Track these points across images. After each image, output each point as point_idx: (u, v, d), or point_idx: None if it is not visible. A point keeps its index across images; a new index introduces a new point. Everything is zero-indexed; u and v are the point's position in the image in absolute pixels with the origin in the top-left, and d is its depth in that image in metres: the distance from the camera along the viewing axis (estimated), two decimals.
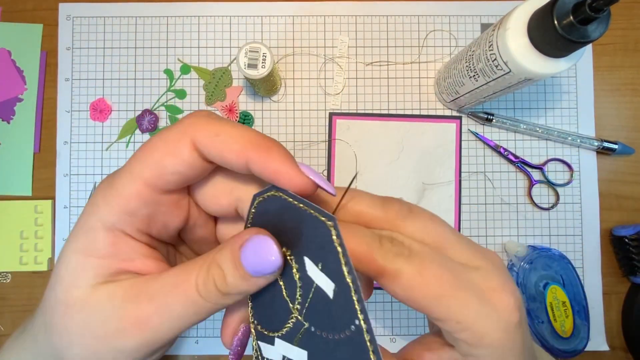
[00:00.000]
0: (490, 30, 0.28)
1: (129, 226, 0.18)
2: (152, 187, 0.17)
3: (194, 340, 0.38)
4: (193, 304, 0.17)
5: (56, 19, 0.40)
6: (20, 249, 0.39)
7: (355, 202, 0.18)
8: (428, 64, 0.40)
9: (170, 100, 0.39)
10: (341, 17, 0.40)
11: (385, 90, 0.40)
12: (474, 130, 0.39)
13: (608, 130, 0.39)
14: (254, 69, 0.32)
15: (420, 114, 0.39)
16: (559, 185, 0.39)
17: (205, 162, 0.17)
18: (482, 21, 0.40)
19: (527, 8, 0.25)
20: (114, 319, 0.17)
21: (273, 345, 0.18)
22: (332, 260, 0.15)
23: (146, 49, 0.39)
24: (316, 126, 0.39)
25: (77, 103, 0.39)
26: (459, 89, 0.34)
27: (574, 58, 0.26)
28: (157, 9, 0.40)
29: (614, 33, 0.40)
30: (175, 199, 0.19)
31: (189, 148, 0.17)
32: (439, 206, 0.39)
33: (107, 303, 0.17)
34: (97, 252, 0.18)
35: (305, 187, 0.16)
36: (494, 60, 0.28)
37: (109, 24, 0.39)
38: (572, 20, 0.22)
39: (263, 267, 0.16)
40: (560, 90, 0.39)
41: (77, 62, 0.39)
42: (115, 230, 0.18)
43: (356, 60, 0.40)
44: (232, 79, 0.39)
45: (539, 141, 0.39)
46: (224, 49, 0.40)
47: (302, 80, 0.39)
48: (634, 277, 0.37)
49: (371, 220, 0.18)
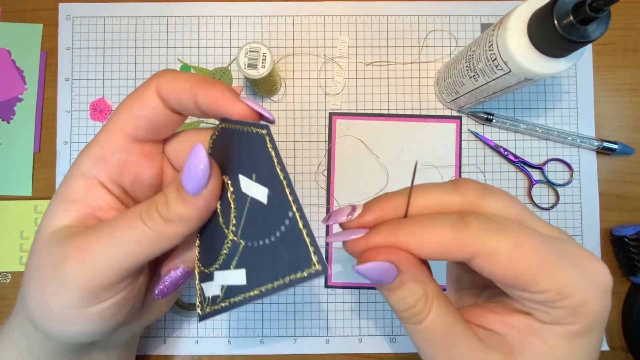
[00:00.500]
0: (490, 30, 0.28)
1: (101, 172, 0.20)
2: (124, 134, 0.20)
3: (194, 340, 0.38)
4: (134, 229, 0.18)
5: (56, 19, 0.40)
6: (20, 249, 0.39)
7: (426, 195, 0.18)
8: (428, 64, 0.40)
9: None
10: (341, 17, 0.40)
11: (385, 90, 0.40)
12: (474, 130, 0.39)
13: (608, 130, 0.39)
14: (254, 69, 0.32)
15: (420, 114, 0.39)
16: (559, 185, 0.39)
17: (168, 110, 0.19)
18: (482, 21, 0.40)
19: (527, 8, 0.25)
20: (61, 249, 0.18)
21: (212, 280, 0.19)
22: (266, 165, 0.16)
23: (146, 49, 0.39)
24: (316, 126, 0.39)
25: (77, 103, 0.39)
26: (459, 89, 0.34)
27: (574, 58, 0.26)
28: (157, 9, 0.40)
29: (614, 33, 0.40)
30: (147, 151, 0.21)
31: (153, 93, 0.19)
32: None
33: (63, 238, 0.18)
34: (71, 196, 0.19)
35: (243, 111, 0.18)
36: (494, 60, 0.28)
37: (109, 24, 0.39)
38: (572, 20, 0.22)
39: (196, 176, 0.17)
40: (560, 90, 0.39)
41: (77, 62, 0.39)
42: (89, 177, 0.20)
43: (356, 60, 0.40)
44: (232, 79, 0.39)
45: (539, 141, 0.39)
46: (224, 49, 0.40)
47: (302, 80, 0.40)
48: (634, 277, 0.37)
49: (451, 206, 0.18)
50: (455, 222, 0.16)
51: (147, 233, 0.18)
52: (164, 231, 0.18)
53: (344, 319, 0.38)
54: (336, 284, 0.38)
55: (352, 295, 0.38)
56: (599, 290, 0.16)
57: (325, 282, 0.38)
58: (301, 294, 0.38)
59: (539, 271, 0.16)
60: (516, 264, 0.16)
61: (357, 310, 0.38)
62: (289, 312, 0.38)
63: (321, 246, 0.39)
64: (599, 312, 0.16)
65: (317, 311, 0.38)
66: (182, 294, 0.38)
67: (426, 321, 0.17)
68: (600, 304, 0.16)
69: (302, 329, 0.38)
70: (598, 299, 0.16)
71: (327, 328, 0.38)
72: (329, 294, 0.38)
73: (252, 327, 0.38)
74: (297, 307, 0.38)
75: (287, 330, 0.38)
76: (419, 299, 0.17)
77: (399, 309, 0.18)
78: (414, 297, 0.17)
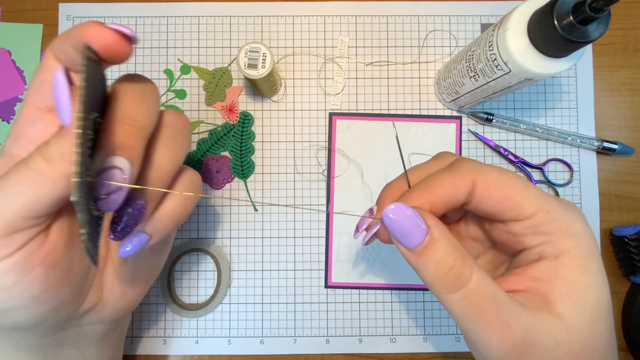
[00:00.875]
0: (490, 30, 0.28)
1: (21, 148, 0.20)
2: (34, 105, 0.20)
3: (194, 340, 0.38)
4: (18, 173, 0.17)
5: (56, 19, 0.40)
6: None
7: (417, 171, 0.22)
8: (428, 64, 0.40)
9: (170, 101, 0.39)
10: (341, 17, 0.40)
11: (385, 90, 0.40)
12: (474, 130, 0.39)
13: (608, 130, 0.39)
14: (254, 69, 0.32)
15: (420, 114, 0.39)
16: (559, 185, 0.39)
17: None
18: (482, 21, 0.40)
19: (527, 8, 0.25)
20: None
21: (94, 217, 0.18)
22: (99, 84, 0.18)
23: (146, 49, 0.39)
24: (316, 126, 0.39)
25: None
26: (459, 89, 0.34)
27: (574, 58, 0.26)
28: (157, 9, 0.40)
29: (614, 33, 0.40)
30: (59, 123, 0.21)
31: (50, 57, 0.20)
32: None
33: None
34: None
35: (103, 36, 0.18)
36: (494, 60, 0.28)
37: None
38: (572, 20, 0.22)
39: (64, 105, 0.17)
40: (560, 90, 0.39)
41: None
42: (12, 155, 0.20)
43: (356, 60, 0.40)
44: (232, 79, 0.39)
45: (539, 141, 0.39)
46: (224, 49, 0.40)
47: (302, 80, 0.40)
48: (634, 277, 0.37)
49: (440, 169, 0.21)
50: (450, 167, 0.20)
51: (30, 175, 0.17)
52: (46, 171, 0.17)
53: (344, 319, 0.38)
54: (336, 284, 0.38)
55: (352, 295, 0.38)
56: (579, 214, 0.19)
57: (325, 282, 0.38)
58: (301, 294, 0.38)
59: (526, 193, 0.19)
60: (506, 185, 0.19)
61: (357, 310, 0.38)
62: (289, 312, 0.38)
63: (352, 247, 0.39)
64: (588, 232, 0.19)
65: (317, 311, 0.38)
66: (182, 294, 0.38)
67: (472, 283, 0.17)
68: (586, 226, 0.19)
69: (302, 329, 0.38)
70: (582, 221, 0.19)
71: (327, 328, 0.38)
72: (329, 294, 0.38)
73: (252, 327, 0.38)
74: (297, 307, 0.38)
75: (287, 330, 0.38)
76: (457, 258, 0.17)
77: (438, 275, 0.17)
78: (452, 255, 0.17)
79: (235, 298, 0.38)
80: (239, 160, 0.39)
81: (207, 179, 0.39)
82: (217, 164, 0.39)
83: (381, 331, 0.38)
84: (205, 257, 0.38)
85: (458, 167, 0.20)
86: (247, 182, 0.39)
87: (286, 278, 0.38)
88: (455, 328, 0.38)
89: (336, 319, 0.38)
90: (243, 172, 0.39)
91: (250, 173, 0.39)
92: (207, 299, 0.38)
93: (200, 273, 0.38)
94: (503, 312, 0.17)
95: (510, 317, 0.17)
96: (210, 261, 0.38)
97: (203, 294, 0.38)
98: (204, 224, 0.39)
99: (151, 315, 0.38)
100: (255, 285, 0.38)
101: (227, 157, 0.39)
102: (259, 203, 0.39)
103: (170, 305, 0.37)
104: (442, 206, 0.19)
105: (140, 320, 0.38)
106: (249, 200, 0.39)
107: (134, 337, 0.38)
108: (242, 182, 0.39)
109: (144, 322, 0.38)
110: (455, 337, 0.38)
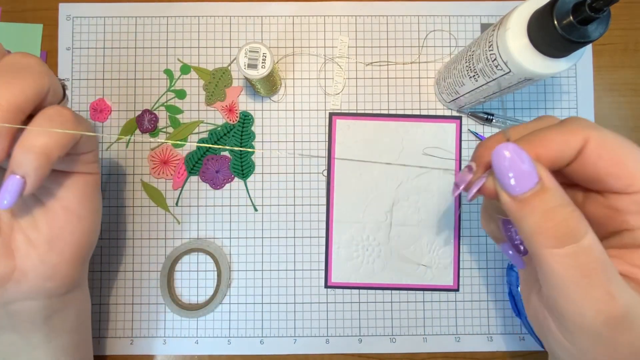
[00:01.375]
0: (490, 30, 0.28)
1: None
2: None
3: (194, 340, 0.38)
4: None
5: (56, 19, 0.40)
6: None
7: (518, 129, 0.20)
8: (428, 64, 0.40)
9: (170, 100, 0.39)
10: (341, 17, 0.40)
11: (385, 90, 0.40)
12: (474, 130, 0.39)
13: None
14: (254, 69, 0.32)
15: (420, 114, 0.39)
16: None
17: None
18: (482, 21, 0.40)
19: (527, 8, 0.25)
20: None
21: None
22: None
23: (146, 49, 0.39)
24: (316, 126, 0.39)
25: (77, 103, 0.39)
26: (459, 89, 0.34)
27: (574, 58, 0.26)
28: (157, 9, 0.40)
29: (614, 33, 0.40)
30: None
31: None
32: (439, 206, 0.39)
33: None
34: None
35: None
36: (494, 60, 0.28)
37: (109, 24, 0.39)
38: (572, 20, 0.22)
39: None
40: (560, 90, 0.39)
41: (77, 62, 0.39)
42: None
43: (356, 60, 0.40)
44: (232, 79, 0.39)
45: None
46: (224, 49, 0.40)
47: (302, 80, 0.40)
48: None
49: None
50: (561, 123, 0.18)
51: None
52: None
53: (344, 319, 0.38)
54: (336, 283, 0.38)
55: (352, 295, 0.38)
56: None
57: (325, 282, 0.38)
58: (301, 294, 0.38)
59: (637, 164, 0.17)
60: (621, 149, 0.17)
61: (357, 310, 0.38)
62: (289, 312, 0.38)
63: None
64: None
65: (317, 311, 0.38)
66: (182, 294, 0.38)
67: (585, 240, 0.15)
68: None
69: (302, 329, 0.38)
70: None
71: (327, 328, 0.38)
72: (329, 294, 0.38)
73: (252, 327, 0.38)
74: (297, 307, 0.38)
75: (287, 330, 0.38)
76: (573, 211, 0.15)
77: (545, 225, 0.15)
78: (565, 208, 0.15)
79: (235, 298, 0.38)
80: (239, 160, 0.39)
81: (207, 179, 0.39)
82: (217, 164, 0.39)
83: (381, 331, 0.38)
84: (205, 257, 0.38)
85: (570, 123, 0.18)
86: (247, 182, 0.39)
87: (286, 278, 0.38)
88: (455, 328, 0.38)
89: (336, 319, 0.38)
90: (243, 172, 0.39)
91: (250, 173, 0.39)
92: (207, 299, 0.38)
93: (200, 273, 0.38)
94: (611, 281, 0.15)
95: (616, 289, 0.15)
96: (210, 261, 0.38)
97: (203, 294, 0.38)
98: (204, 224, 0.39)
99: (151, 315, 0.38)
100: (255, 285, 0.38)
101: (227, 157, 0.39)
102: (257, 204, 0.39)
103: (170, 305, 0.37)
104: (548, 163, 0.17)
105: (140, 320, 0.38)
106: (249, 200, 0.39)
107: (134, 337, 0.38)
108: (242, 182, 0.39)
109: (143, 322, 0.38)
110: (455, 337, 0.38)
